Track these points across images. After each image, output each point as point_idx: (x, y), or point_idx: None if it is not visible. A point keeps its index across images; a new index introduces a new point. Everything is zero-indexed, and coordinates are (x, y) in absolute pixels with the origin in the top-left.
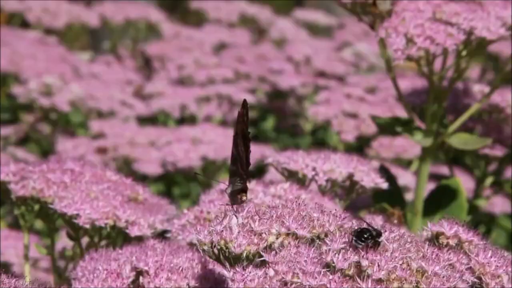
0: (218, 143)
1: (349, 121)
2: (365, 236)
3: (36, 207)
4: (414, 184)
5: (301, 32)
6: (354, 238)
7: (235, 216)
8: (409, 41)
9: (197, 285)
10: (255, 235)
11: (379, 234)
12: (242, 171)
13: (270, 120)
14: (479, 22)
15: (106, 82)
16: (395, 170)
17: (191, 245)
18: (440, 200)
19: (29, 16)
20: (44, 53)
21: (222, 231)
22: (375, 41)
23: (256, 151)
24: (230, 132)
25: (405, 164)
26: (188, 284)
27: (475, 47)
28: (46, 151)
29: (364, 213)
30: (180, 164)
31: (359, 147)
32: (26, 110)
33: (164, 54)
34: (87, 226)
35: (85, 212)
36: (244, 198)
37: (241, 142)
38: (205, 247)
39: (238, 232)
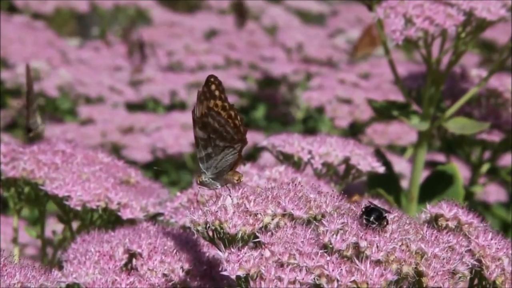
0: None
1: (343, 106)
2: (376, 215)
3: (26, 189)
4: (408, 171)
5: (293, 20)
6: (365, 217)
7: (230, 196)
8: (408, 21)
9: (190, 267)
10: (250, 215)
11: (387, 213)
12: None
13: (261, 109)
14: (479, 3)
15: (95, 68)
16: (389, 157)
17: (184, 228)
18: (436, 186)
19: (16, 1)
20: (32, 38)
21: (217, 211)
22: None
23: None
24: None
25: (399, 151)
26: (181, 267)
27: (475, 28)
28: (33, 137)
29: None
30: (170, 150)
31: (352, 135)
32: (13, 95)
33: (154, 40)
34: (79, 208)
35: (77, 194)
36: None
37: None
38: (199, 228)
39: (233, 213)
